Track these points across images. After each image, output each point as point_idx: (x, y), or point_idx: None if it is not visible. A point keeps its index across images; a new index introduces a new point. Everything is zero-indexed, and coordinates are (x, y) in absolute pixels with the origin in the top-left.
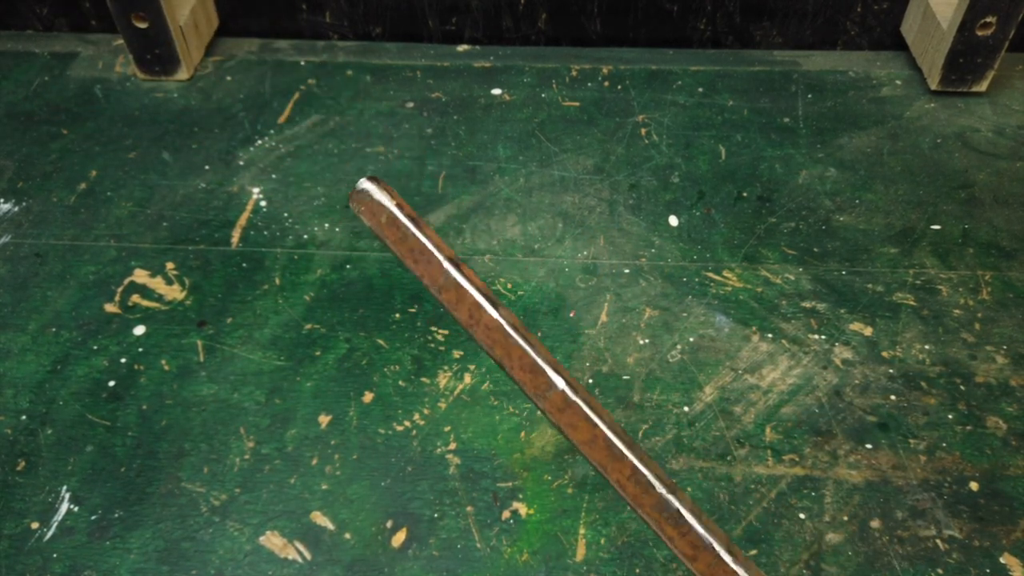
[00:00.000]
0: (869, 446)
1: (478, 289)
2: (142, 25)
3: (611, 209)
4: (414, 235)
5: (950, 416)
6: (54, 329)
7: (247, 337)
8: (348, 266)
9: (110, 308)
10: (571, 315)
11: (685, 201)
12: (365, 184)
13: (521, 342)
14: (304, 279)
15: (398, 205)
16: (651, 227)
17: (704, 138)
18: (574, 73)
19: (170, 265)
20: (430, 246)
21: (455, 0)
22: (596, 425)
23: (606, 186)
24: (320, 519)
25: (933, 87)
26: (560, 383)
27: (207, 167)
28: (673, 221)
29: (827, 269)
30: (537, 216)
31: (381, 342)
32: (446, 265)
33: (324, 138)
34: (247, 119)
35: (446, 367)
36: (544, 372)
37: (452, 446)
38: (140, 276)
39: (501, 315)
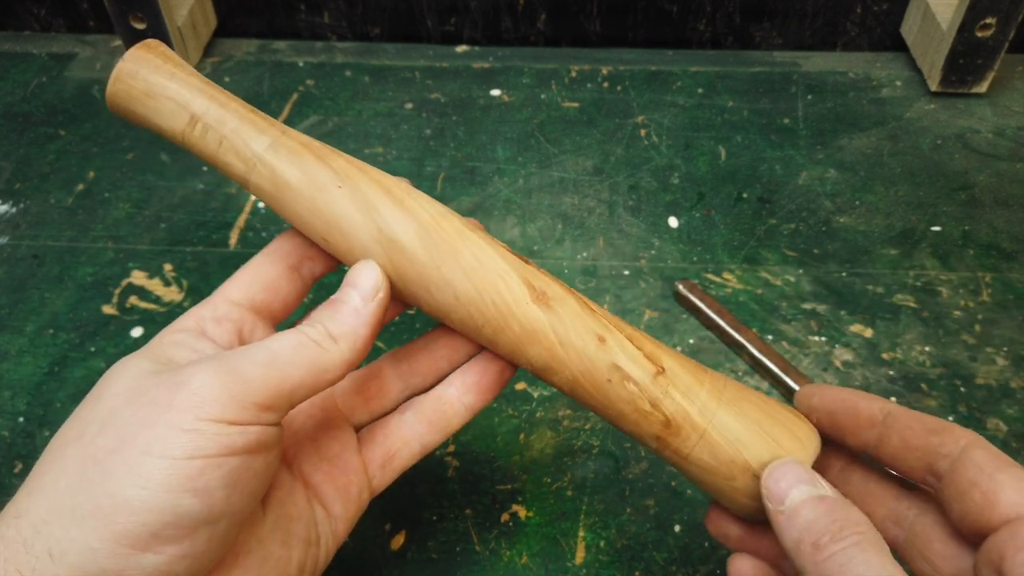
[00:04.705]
0: None
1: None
2: (140, 26)
3: (611, 210)
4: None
5: (950, 418)
6: (51, 331)
7: None
8: (346, 268)
9: (108, 310)
10: None
11: (685, 202)
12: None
13: None
14: None
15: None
16: (651, 228)
17: (704, 139)
18: (573, 74)
19: (168, 267)
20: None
21: (454, 1)
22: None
23: (606, 187)
24: None
25: (933, 88)
26: None
27: (205, 168)
28: (673, 222)
29: (827, 271)
30: (536, 217)
31: (379, 344)
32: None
33: (323, 139)
34: None
35: None
36: None
37: (451, 448)
38: (138, 278)
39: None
